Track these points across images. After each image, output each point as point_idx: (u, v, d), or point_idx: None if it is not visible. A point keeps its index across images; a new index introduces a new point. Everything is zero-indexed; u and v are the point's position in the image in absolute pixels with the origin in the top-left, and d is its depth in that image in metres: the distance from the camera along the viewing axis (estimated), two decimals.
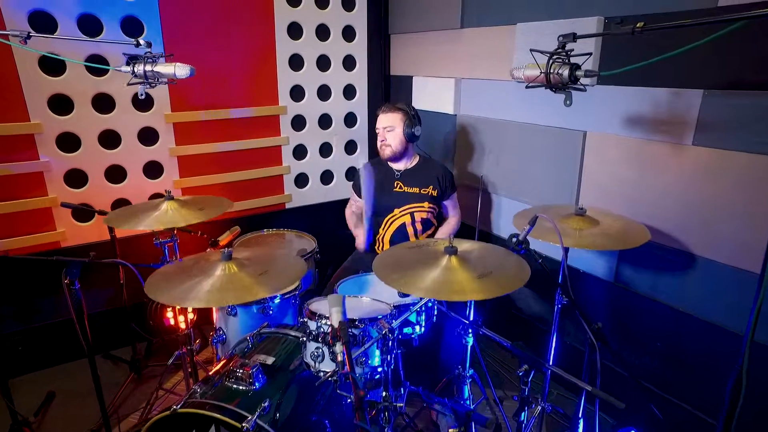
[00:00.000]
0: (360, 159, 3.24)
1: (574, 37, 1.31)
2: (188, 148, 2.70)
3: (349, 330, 1.54)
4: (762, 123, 1.61)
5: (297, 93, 2.99)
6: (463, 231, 2.61)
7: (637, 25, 1.17)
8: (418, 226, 2.41)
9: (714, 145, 1.75)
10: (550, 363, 2.03)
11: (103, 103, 2.43)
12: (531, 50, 1.37)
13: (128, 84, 1.62)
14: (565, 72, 1.32)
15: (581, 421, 1.68)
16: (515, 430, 1.50)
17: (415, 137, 2.36)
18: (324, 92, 3.09)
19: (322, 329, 1.56)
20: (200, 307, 1.56)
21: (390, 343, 1.50)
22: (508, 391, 2.45)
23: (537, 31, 2.22)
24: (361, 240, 2.49)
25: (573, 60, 1.37)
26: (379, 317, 1.58)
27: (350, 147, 3.30)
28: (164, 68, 1.61)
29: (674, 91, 1.83)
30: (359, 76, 3.17)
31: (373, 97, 3.26)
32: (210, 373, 1.72)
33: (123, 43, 1.65)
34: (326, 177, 3.27)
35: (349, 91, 3.18)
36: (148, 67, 1.61)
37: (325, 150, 3.21)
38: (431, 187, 2.40)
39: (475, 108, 2.73)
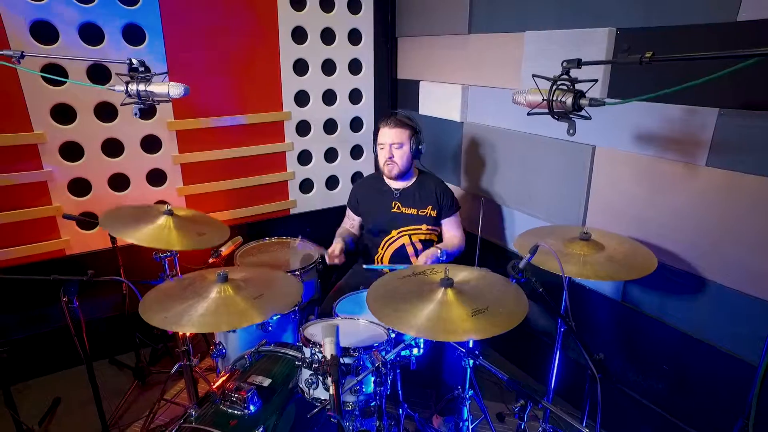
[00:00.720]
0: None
1: (579, 63, 1.25)
2: (191, 155, 2.69)
3: (343, 359, 1.52)
4: None
5: (301, 98, 2.95)
6: (467, 242, 2.55)
7: (646, 55, 1.11)
8: (418, 246, 2.35)
9: (728, 167, 1.67)
10: (552, 385, 1.99)
11: (106, 111, 2.42)
12: (533, 75, 1.31)
13: (122, 104, 1.59)
14: (569, 100, 1.26)
15: None
16: None
17: (421, 154, 2.31)
18: (329, 97, 3.04)
19: (316, 356, 1.54)
20: (193, 332, 1.55)
21: (383, 376, 1.47)
22: (511, 405, 2.42)
23: (546, 40, 2.14)
24: (334, 251, 2.21)
25: (578, 86, 1.30)
26: (375, 346, 1.55)
27: (356, 152, 3.26)
28: (158, 88, 1.58)
29: (689, 109, 1.74)
30: (365, 80, 3.12)
31: (379, 101, 3.20)
32: (209, 390, 1.72)
33: (116, 63, 1.63)
34: (331, 182, 3.24)
35: (355, 96, 3.12)
36: (142, 87, 1.58)
37: (331, 155, 3.17)
38: (430, 207, 2.33)
39: (482, 116, 2.65)
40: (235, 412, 1.56)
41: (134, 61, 1.58)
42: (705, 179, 1.74)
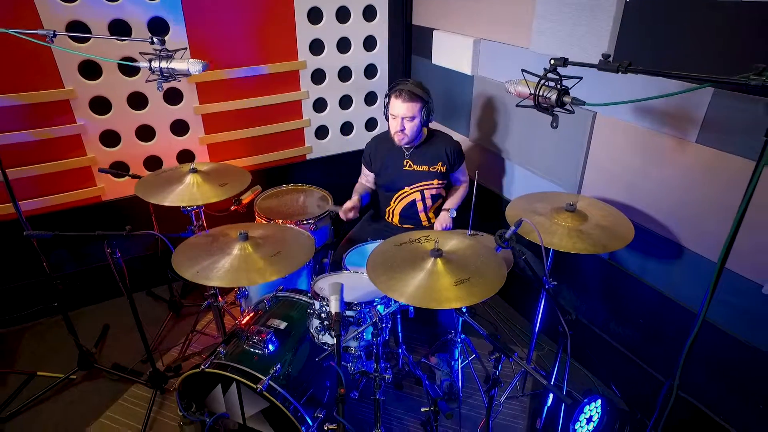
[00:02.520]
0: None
1: (565, 62, 1.32)
2: (211, 106, 2.82)
3: (347, 312, 1.76)
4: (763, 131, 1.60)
5: (316, 47, 2.99)
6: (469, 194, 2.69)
7: (623, 64, 1.18)
8: (428, 202, 2.52)
9: (715, 146, 1.74)
10: (537, 328, 2.23)
11: (130, 66, 2.53)
12: (522, 70, 1.39)
13: (147, 81, 1.73)
14: (553, 97, 1.35)
15: (551, 395, 1.91)
16: (488, 402, 1.74)
17: (431, 121, 2.39)
18: (344, 45, 3.07)
19: (324, 308, 1.79)
20: (221, 286, 1.79)
21: (380, 330, 1.71)
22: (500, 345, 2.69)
23: (557, 1, 2.13)
24: (348, 205, 2.43)
25: (566, 81, 1.39)
26: (375, 301, 1.78)
27: (370, 98, 3.33)
28: (178, 65, 1.71)
29: (686, 85, 1.78)
30: (380, 27, 3.11)
31: (394, 47, 3.21)
32: (235, 326, 2.02)
33: (139, 40, 1.74)
34: (346, 128, 3.35)
35: (369, 43, 3.14)
36: (164, 64, 1.70)
37: (345, 102, 3.26)
38: (440, 163, 2.46)
39: (492, 71, 2.68)
40: (257, 351, 1.84)
41: (155, 39, 1.69)
42: (693, 155, 1.82)
